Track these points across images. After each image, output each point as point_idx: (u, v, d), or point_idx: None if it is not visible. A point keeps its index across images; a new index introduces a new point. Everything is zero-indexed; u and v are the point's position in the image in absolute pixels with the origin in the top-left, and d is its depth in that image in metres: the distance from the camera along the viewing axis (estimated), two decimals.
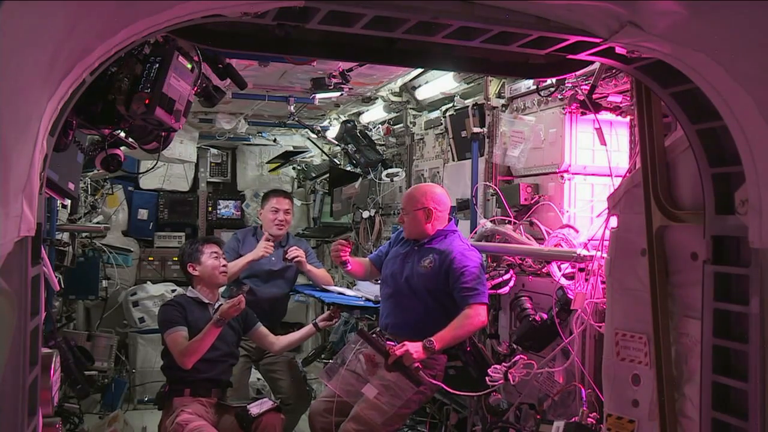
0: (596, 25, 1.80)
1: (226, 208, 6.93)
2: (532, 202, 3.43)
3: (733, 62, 1.71)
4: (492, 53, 2.28)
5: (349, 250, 3.80)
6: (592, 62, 2.31)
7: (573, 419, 2.82)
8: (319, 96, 4.54)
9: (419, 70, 4.22)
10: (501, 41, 1.96)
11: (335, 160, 6.12)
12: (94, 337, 5.17)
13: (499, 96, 3.77)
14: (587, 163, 3.30)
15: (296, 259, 4.59)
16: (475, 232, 3.70)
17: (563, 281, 3.09)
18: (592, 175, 3.32)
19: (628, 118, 3.15)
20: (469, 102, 4.06)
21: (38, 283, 1.66)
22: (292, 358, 4.72)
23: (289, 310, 5.08)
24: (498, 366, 3.11)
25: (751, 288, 1.90)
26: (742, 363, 1.95)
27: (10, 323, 1.42)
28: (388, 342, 3.33)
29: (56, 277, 4.05)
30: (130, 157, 4.14)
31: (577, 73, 2.87)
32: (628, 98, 2.99)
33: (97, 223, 5.84)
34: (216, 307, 3.80)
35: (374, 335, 3.43)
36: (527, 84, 3.50)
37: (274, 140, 6.75)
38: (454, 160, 4.34)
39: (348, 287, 5.01)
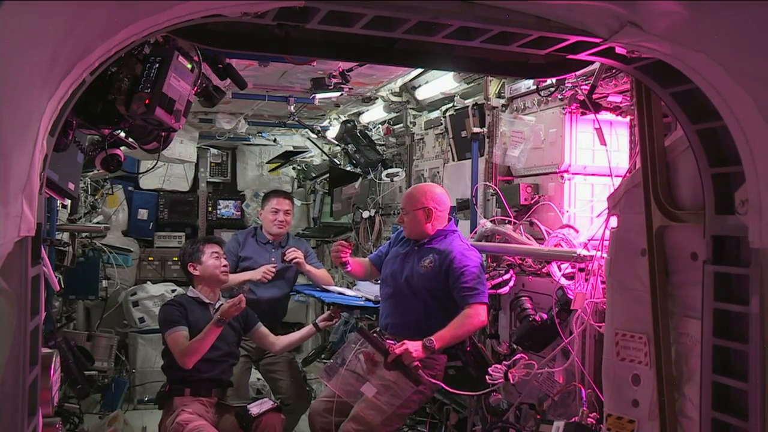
0: (596, 25, 1.80)
1: (226, 208, 6.92)
2: (532, 202, 3.43)
3: (733, 62, 1.71)
4: (492, 53, 2.28)
5: (350, 251, 3.80)
6: (592, 62, 2.31)
7: (573, 419, 2.82)
8: (319, 96, 4.54)
9: (419, 70, 4.22)
10: (501, 41, 1.96)
11: (335, 160, 6.11)
12: (94, 337, 5.17)
13: (499, 96, 3.77)
14: (587, 163, 3.30)
15: (294, 261, 4.61)
16: (475, 232, 3.70)
17: (563, 281, 3.09)
18: (592, 175, 3.32)
19: (628, 118, 3.14)
20: (469, 102, 4.06)
21: (38, 283, 1.66)
22: (292, 359, 4.72)
23: (289, 310, 5.09)
24: (498, 365, 3.11)
25: (751, 288, 1.90)
26: (742, 363, 1.95)
27: (10, 323, 1.42)
28: (387, 341, 3.33)
29: (56, 277, 4.05)
30: (130, 157, 4.13)
31: (577, 73, 2.87)
32: (628, 98, 2.98)
33: (97, 223, 5.84)
34: (217, 306, 3.80)
35: (374, 334, 3.43)
36: (527, 84, 3.50)
37: (274, 140, 6.75)
38: (454, 160, 4.34)
39: (348, 287, 5.01)
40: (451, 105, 4.34)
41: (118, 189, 6.41)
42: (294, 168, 7.06)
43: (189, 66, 2.17)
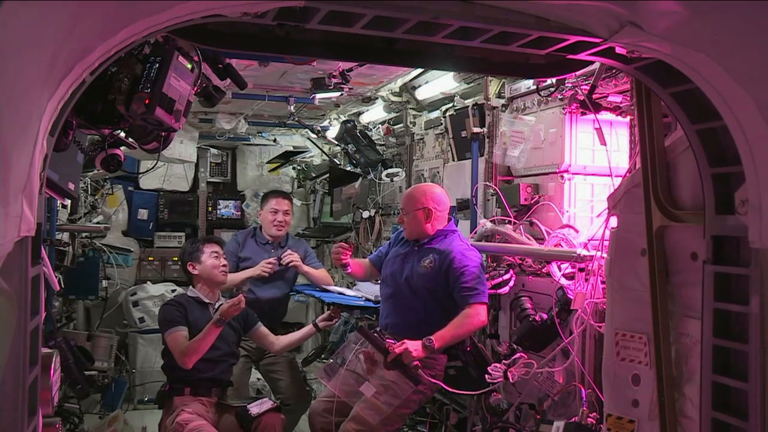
0: (596, 25, 1.81)
1: (226, 208, 6.92)
2: (532, 202, 3.43)
3: (733, 62, 1.71)
4: (492, 53, 2.28)
5: (350, 252, 3.80)
6: (592, 62, 2.30)
7: (573, 419, 2.82)
8: (319, 96, 4.54)
9: (419, 70, 4.22)
10: (501, 41, 1.96)
11: (335, 160, 6.11)
12: (94, 337, 5.17)
13: (499, 96, 3.77)
14: (587, 163, 3.30)
15: (291, 264, 4.59)
16: (475, 232, 3.70)
17: (563, 281, 3.09)
18: (592, 175, 3.32)
19: (628, 118, 3.15)
20: (469, 102, 4.06)
21: (38, 283, 1.66)
22: (292, 359, 4.72)
23: (289, 310, 5.09)
24: (498, 364, 3.11)
25: (751, 288, 1.90)
26: (742, 363, 1.95)
27: (10, 323, 1.42)
28: (387, 340, 3.33)
29: (56, 277, 4.05)
30: (130, 157, 4.13)
31: (577, 73, 2.86)
32: (628, 98, 2.98)
33: (97, 223, 5.84)
34: (216, 306, 3.80)
35: (374, 333, 3.43)
36: (527, 84, 3.50)
37: (274, 140, 6.75)
38: (454, 160, 4.34)
39: (348, 287, 5.01)
40: (451, 105, 4.34)
41: (118, 189, 6.41)
42: (294, 168, 7.06)
43: (189, 66, 2.17)
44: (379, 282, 3.95)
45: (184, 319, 3.73)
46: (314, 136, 6.08)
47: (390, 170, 5.09)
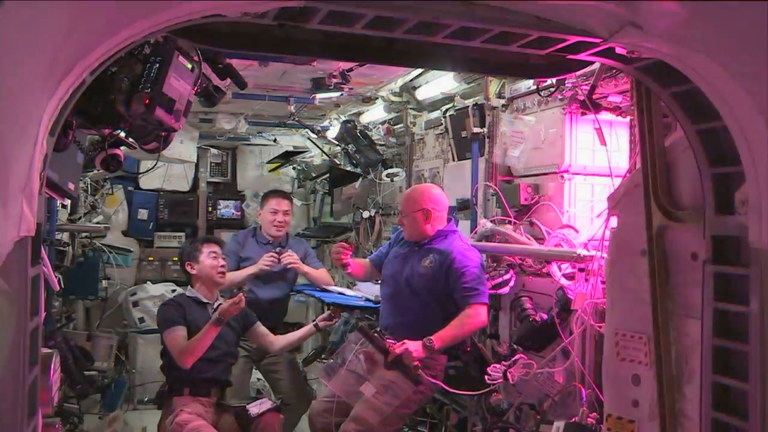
0: (596, 25, 1.80)
1: (226, 208, 6.93)
2: (532, 202, 3.43)
3: (733, 62, 1.71)
4: (492, 53, 2.28)
5: (350, 252, 3.80)
6: (592, 62, 2.31)
7: (573, 419, 2.82)
8: (319, 96, 4.54)
9: (419, 70, 4.21)
10: (501, 41, 1.96)
11: (335, 160, 6.11)
12: (94, 337, 5.18)
13: (499, 96, 3.77)
14: (587, 163, 3.30)
15: (290, 265, 4.58)
16: (475, 232, 3.70)
17: (563, 281, 3.09)
18: (592, 175, 3.32)
19: (628, 118, 3.14)
20: (469, 102, 4.06)
21: (38, 283, 1.66)
22: (292, 359, 4.72)
23: (289, 310, 5.08)
24: (497, 365, 3.11)
25: (751, 288, 1.90)
26: (742, 363, 1.95)
27: (10, 323, 1.42)
28: (387, 340, 3.33)
29: (56, 277, 4.04)
30: (130, 157, 4.12)
31: (577, 73, 2.87)
32: (628, 98, 2.98)
33: (97, 223, 5.83)
34: (215, 306, 3.80)
35: (375, 333, 3.43)
36: (527, 84, 3.50)
37: (274, 140, 6.75)
38: (454, 160, 4.34)
39: (348, 287, 5.01)
40: (451, 105, 4.33)
41: (118, 189, 6.40)
42: (294, 168, 7.05)
43: (189, 66, 2.17)
44: (379, 282, 3.94)
45: (183, 319, 3.73)
46: (314, 136, 6.07)
47: (390, 170, 5.09)
